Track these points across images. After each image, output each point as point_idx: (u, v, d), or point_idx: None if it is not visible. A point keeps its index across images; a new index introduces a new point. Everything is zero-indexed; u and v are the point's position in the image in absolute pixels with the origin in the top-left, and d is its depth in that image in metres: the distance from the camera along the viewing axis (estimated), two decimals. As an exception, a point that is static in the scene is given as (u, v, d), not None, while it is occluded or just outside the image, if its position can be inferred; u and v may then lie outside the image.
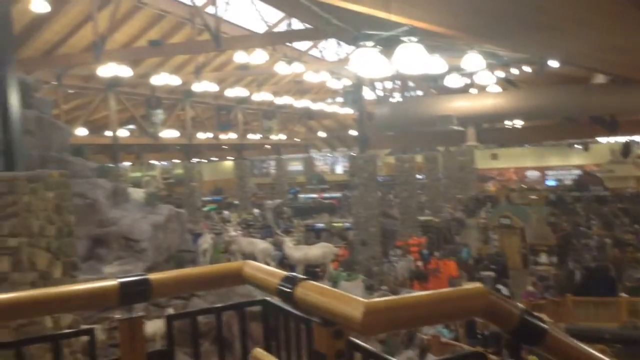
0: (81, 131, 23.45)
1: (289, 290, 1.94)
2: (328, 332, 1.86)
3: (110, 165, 22.24)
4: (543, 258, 20.02)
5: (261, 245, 16.07)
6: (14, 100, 7.93)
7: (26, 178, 7.74)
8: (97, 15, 17.26)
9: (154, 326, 8.30)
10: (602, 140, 36.49)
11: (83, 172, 13.32)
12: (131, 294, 2.10)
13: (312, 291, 1.85)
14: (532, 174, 42.98)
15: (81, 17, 18.77)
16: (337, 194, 35.64)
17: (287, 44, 24.44)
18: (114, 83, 22.69)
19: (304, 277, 1.96)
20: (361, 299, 1.63)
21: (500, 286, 15.19)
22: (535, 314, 1.75)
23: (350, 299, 1.67)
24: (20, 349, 2.14)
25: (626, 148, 30.90)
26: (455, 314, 1.85)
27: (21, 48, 17.74)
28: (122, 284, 2.08)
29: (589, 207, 26.26)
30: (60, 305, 2.15)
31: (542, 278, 18.13)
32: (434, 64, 8.73)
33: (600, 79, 23.01)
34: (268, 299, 2.54)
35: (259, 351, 2.29)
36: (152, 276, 2.15)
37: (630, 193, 29.34)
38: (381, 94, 28.58)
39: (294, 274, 2.01)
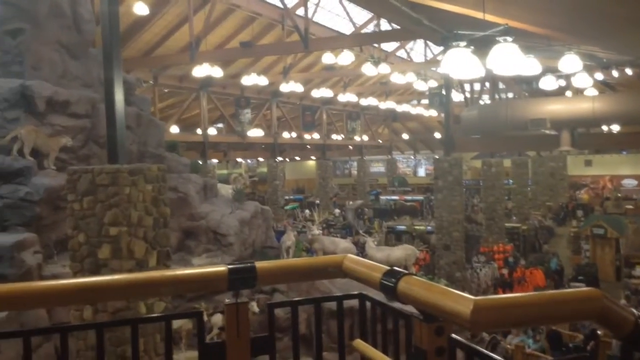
0: (174, 129, 24.54)
1: (392, 284, 1.96)
2: (429, 328, 1.87)
3: (201, 162, 23.16)
4: (638, 271, 18.90)
5: (343, 244, 16.16)
6: (119, 97, 8.45)
7: (128, 171, 8.23)
8: (193, 18, 18.02)
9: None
10: None
11: (176, 167, 13.98)
12: (238, 280, 2.20)
13: (417, 286, 1.87)
14: (629, 183, 40.47)
15: (178, 20, 19.68)
16: (419, 197, 35.20)
17: (374, 45, 24.43)
18: (206, 83, 23.58)
19: (407, 271, 1.98)
20: (469, 295, 1.64)
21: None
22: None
23: (457, 295, 1.67)
24: (136, 326, 2.30)
25: None
26: (567, 316, 1.80)
27: (123, 49, 18.84)
28: (231, 270, 2.19)
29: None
30: (173, 286, 2.30)
31: (637, 292, 17.15)
32: (528, 65, 8.44)
33: None
34: (364, 292, 2.58)
35: (360, 342, 2.34)
36: (259, 264, 2.25)
37: None
38: (469, 96, 27.93)
39: (396, 268, 2.04)
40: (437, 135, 40.96)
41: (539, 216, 28.16)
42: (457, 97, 27.67)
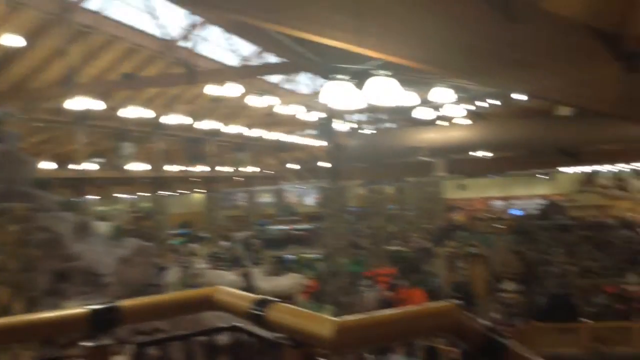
0: (49, 164, 23.07)
1: (260, 312, 1.95)
2: (298, 355, 1.87)
3: (76, 199, 21.86)
4: (508, 285, 20.18)
5: (229, 277, 15.91)
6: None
7: (-10, 211, 7.60)
8: (70, 48, 17.19)
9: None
10: (566, 170, 37.52)
11: (48, 205, 13.06)
12: (102, 321, 2.09)
13: (284, 312, 1.87)
14: (497, 204, 43.70)
15: (53, 52, 18.62)
16: (308, 226, 35.54)
17: (260, 77, 24.65)
18: (83, 116, 22.41)
19: (276, 299, 1.98)
20: (332, 317, 1.66)
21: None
22: (498, 330, 1.78)
23: (321, 318, 1.69)
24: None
25: None
26: (425, 330, 1.88)
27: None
28: (93, 311, 2.08)
29: (553, 235, 26.66)
30: (30, 331, 2.12)
31: (507, 305, 18.26)
32: (405, 96, 8.92)
33: (563, 111, 23.73)
34: (237, 324, 2.53)
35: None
36: (122, 303, 2.15)
37: (592, 221, 29.91)
38: (355, 126, 28.90)
39: (265, 296, 2.03)
40: (324, 164, 41.80)
41: (418, 239, 29.39)
42: (343, 127, 28.50)
